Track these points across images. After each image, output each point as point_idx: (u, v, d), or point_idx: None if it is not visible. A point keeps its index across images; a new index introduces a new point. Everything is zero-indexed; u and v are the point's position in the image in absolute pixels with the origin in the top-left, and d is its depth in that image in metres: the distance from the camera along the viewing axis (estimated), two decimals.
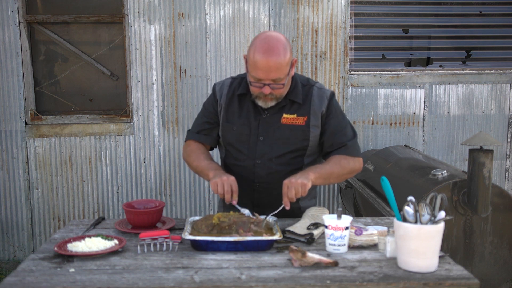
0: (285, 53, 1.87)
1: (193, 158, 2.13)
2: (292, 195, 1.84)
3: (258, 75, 1.88)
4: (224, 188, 1.87)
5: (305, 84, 2.08)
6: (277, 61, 1.85)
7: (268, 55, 1.84)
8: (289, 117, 2.02)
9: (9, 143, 4.03)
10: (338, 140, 2.05)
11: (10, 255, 4.16)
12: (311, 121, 2.03)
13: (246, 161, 2.06)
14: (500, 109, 4.32)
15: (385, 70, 4.24)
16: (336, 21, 4.10)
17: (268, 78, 1.88)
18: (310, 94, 2.05)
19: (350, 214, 3.75)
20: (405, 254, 1.52)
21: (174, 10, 3.98)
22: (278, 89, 1.92)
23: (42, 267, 1.56)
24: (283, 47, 1.87)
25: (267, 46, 1.85)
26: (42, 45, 4.15)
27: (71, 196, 4.12)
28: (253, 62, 1.87)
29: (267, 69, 1.85)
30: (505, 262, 2.77)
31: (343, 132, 2.06)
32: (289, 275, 1.49)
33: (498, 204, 2.71)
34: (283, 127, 2.03)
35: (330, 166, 2.01)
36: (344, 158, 2.03)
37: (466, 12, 4.29)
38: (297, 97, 2.03)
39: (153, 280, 1.45)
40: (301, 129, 2.02)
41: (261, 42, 1.88)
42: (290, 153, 2.04)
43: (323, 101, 2.05)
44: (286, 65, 1.88)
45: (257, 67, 1.86)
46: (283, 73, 1.89)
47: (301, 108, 2.03)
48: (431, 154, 4.27)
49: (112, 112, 4.18)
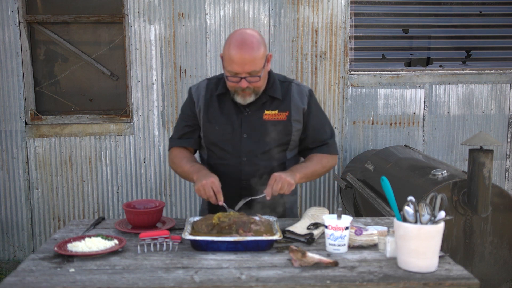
0: (259, 46, 1.93)
1: (177, 164, 2.15)
2: (277, 189, 1.91)
3: (234, 69, 1.93)
4: (207, 193, 1.91)
5: (283, 81, 2.14)
6: (252, 54, 1.90)
7: (242, 48, 1.89)
8: (271, 113, 2.07)
9: (9, 143, 4.03)
10: (319, 137, 2.14)
11: (10, 255, 4.16)
12: (292, 116, 2.08)
13: (232, 159, 2.09)
14: (500, 109, 4.33)
15: (385, 70, 4.24)
16: (336, 21, 4.10)
17: (244, 71, 1.92)
18: (290, 90, 2.11)
19: (350, 214, 3.75)
20: (405, 254, 1.52)
21: (174, 10, 3.98)
22: (255, 82, 1.96)
23: (42, 267, 1.56)
24: (256, 41, 1.93)
25: (241, 41, 1.91)
26: (42, 45, 4.15)
27: (71, 196, 4.12)
28: (228, 57, 1.92)
29: (242, 62, 1.90)
30: (505, 262, 2.77)
31: (324, 129, 2.16)
32: (289, 275, 1.49)
33: (498, 204, 2.71)
34: (266, 123, 2.06)
35: (313, 165, 2.10)
36: (325, 157, 2.14)
37: (466, 12, 4.29)
38: (276, 93, 2.07)
39: (153, 280, 1.45)
40: (284, 124, 2.07)
41: (235, 37, 1.93)
42: (274, 149, 2.09)
43: (303, 98, 2.11)
44: (260, 58, 1.93)
45: (233, 61, 1.91)
46: (258, 66, 1.93)
47: (282, 104, 2.08)
48: (431, 154, 4.27)
49: (112, 112, 4.18)
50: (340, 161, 4.24)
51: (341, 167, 4.23)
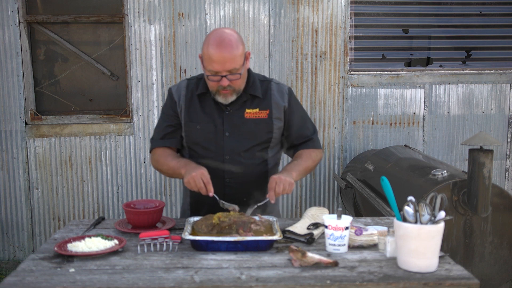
0: (237, 44, 1.95)
1: (161, 163, 2.13)
2: (279, 190, 1.92)
3: (214, 67, 1.94)
4: (197, 184, 1.91)
5: (263, 80, 2.17)
6: (231, 52, 1.92)
7: (221, 47, 1.91)
8: (252, 111, 2.09)
9: (9, 143, 4.03)
10: (303, 133, 2.18)
11: (10, 255, 4.16)
12: (273, 114, 2.11)
13: (215, 158, 2.10)
14: (500, 109, 4.32)
15: (385, 70, 4.24)
16: (336, 21, 4.10)
17: (224, 70, 1.94)
18: (269, 88, 2.14)
19: (350, 214, 3.75)
20: (405, 254, 1.52)
21: (174, 10, 3.99)
22: (236, 80, 1.98)
23: (42, 267, 1.56)
24: (235, 39, 1.95)
25: (219, 40, 1.93)
26: (42, 45, 4.15)
27: (71, 196, 4.12)
28: (208, 56, 1.94)
29: (222, 60, 1.92)
30: (505, 262, 2.77)
31: (306, 126, 2.20)
32: (289, 275, 1.49)
33: (498, 204, 2.71)
34: (247, 121, 2.08)
35: (305, 162, 2.12)
36: (313, 152, 2.18)
37: (466, 12, 4.29)
38: (256, 92, 2.10)
39: (153, 280, 1.45)
40: (265, 122, 2.10)
41: (213, 37, 1.95)
42: (256, 146, 2.11)
43: (284, 96, 2.14)
44: (240, 56, 1.95)
45: (212, 60, 1.92)
46: (238, 64, 1.95)
47: (262, 102, 2.11)
48: (431, 154, 4.27)
49: (112, 112, 4.18)
50: (340, 161, 4.24)
51: (341, 167, 4.23)
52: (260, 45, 4.06)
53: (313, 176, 4.23)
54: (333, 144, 4.21)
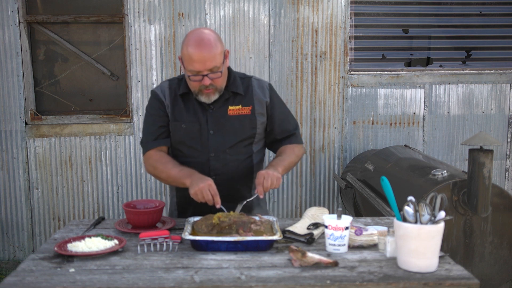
0: (216, 43, 1.97)
1: (160, 169, 2.09)
2: (267, 185, 1.94)
3: (195, 67, 1.95)
4: (205, 197, 1.90)
5: (243, 77, 2.19)
6: (211, 51, 1.94)
7: (201, 46, 1.93)
8: (234, 108, 2.11)
9: (9, 143, 4.03)
10: (286, 128, 2.21)
11: (10, 255, 4.16)
12: (256, 109, 2.13)
13: (200, 156, 2.11)
14: (500, 109, 4.32)
15: (385, 70, 4.24)
16: (336, 21, 4.10)
17: (205, 69, 1.95)
18: (250, 85, 2.16)
19: (350, 214, 3.75)
20: (405, 254, 1.52)
21: (174, 10, 3.99)
22: (217, 79, 2.00)
23: (42, 267, 1.56)
24: (213, 38, 1.97)
25: (198, 39, 1.95)
26: (42, 45, 4.15)
27: (71, 196, 4.12)
28: (188, 56, 1.95)
29: (202, 59, 1.93)
30: (505, 262, 2.77)
31: (288, 120, 2.23)
32: (289, 275, 1.49)
33: (498, 204, 2.71)
34: (231, 118, 2.10)
35: (289, 157, 2.15)
36: (296, 147, 2.21)
37: (466, 12, 4.29)
38: (238, 89, 2.12)
39: (153, 280, 1.45)
40: (248, 118, 2.12)
41: (192, 37, 1.97)
42: (241, 142, 2.13)
43: (265, 92, 2.16)
44: (219, 54, 1.97)
45: (193, 59, 1.94)
46: (219, 62, 1.97)
47: (244, 98, 2.13)
48: (431, 154, 4.27)
49: (112, 112, 4.18)
50: (340, 161, 4.24)
51: (341, 167, 4.24)
52: (260, 45, 4.06)
53: (313, 176, 4.24)
54: (333, 144, 4.21)
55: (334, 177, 4.15)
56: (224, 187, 2.08)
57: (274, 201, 4.23)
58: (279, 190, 4.22)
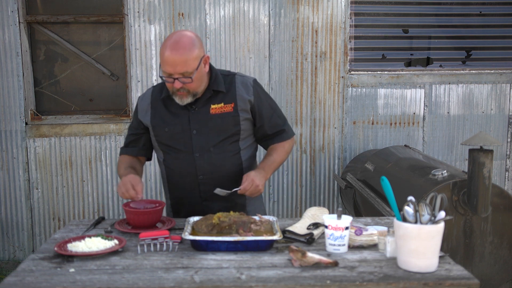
0: (192, 48, 1.95)
1: (119, 171, 2.22)
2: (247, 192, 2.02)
3: (167, 69, 1.96)
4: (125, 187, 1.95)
5: (227, 74, 2.19)
6: (183, 55, 1.93)
7: (174, 50, 1.93)
8: (216, 106, 2.11)
9: (9, 143, 4.03)
10: (275, 122, 2.22)
11: (10, 255, 4.16)
12: (238, 106, 2.12)
13: (186, 157, 2.13)
14: (500, 109, 4.32)
15: (385, 70, 4.24)
16: (336, 21, 4.10)
17: (176, 72, 1.96)
18: (234, 82, 2.15)
19: (350, 214, 3.75)
20: (405, 254, 1.52)
21: (174, 10, 3.98)
22: (188, 84, 1.99)
23: (42, 267, 1.56)
24: (190, 43, 1.96)
25: (174, 42, 1.95)
26: (42, 45, 4.15)
27: (71, 196, 4.12)
28: (162, 58, 1.96)
29: (173, 63, 1.93)
30: (505, 262, 2.77)
31: (277, 114, 2.23)
32: (289, 275, 1.49)
33: (498, 204, 2.71)
34: (213, 117, 2.10)
35: (279, 157, 2.21)
36: (286, 143, 2.24)
37: (466, 12, 4.29)
38: (219, 87, 2.11)
39: (153, 280, 1.46)
40: (231, 115, 2.11)
41: (170, 39, 1.97)
42: (225, 140, 2.13)
43: (249, 89, 2.15)
44: (193, 60, 1.95)
45: (165, 62, 1.95)
46: (191, 67, 1.96)
47: (226, 96, 2.12)
48: (431, 154, 4.27)
49: (112, 112, 4.18)
50: (340, 161, 4.24)
51: (341, 167, 4.24)
52: (260, 45, 4.06)
53: (313, 176, 4.24)
54: (333, 144, 4.21)
55: (334, 177, 4.15)
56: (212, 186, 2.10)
57: (274, 201, 4.23)
58: (279, 190, 4.22)
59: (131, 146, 2.27)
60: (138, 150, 2.26)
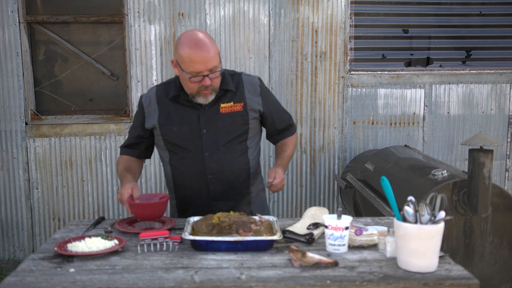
0: (213, 43, 1.99)
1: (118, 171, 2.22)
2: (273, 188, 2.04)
3: (196, 68, 1.95)
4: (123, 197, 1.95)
5: (233, 74, 2.19)
6: (210, 51, 1.95)
7: (199, 48, 1.94)
8: (226, 105, 2.11)
9: (9, 143, 4.03)
10: (284, 118, 2.28)
11: (10, 255, 4.16)
12: (247, 105, 2.13)
13: (195, 157, 2.12)
14: (500, 109, 4.32)
15: (385, 70, 4.24)
16: (336, 21, 4.10)
17: (206, 69, 1.96)
18: (241, 81, 2.17)
19: (350, 214, 3.75)
20: (405, 254, 1.52)
21: (174, 10, 3.99)
22: (216, 79, 2.01)
23: (42, 267, 1.56)
24: (209, 39, 1.99)
25: (196, 41, 1.95)
26: (42, 45, 4.15)
27: (71, 196, 4.12)
28: (188, 58, 1.94)
29: (204, 60, 1.94)
30: (505, 262, 2.77)
31: (282, 110, 2.30)
32: (289, 275, 1.49)
33: (498, 204, 2.71)
34: (223, 116, 2.10)
35: (292, 151, 2.27)
36: (294, 137, 2.33)
37: (466, 12, 4.29)
38: (229, 86, 2.12)
39: (153, 280, 1.45)
40: (240, 114, 2.12)
41: (188, 39, 1.97)
42: (234, 140, 2.13)
43: (256, 88, 2.17)
44: (217, 54, 1.99)
45: (194, 61, 1.94)
46: (217, 61, 1.99)
47: (236, 95, 2.13)
48: (431, 154, 4.27)
49: (112, 112, 4.18)
50: (340, 161, 4.24)
51: (341, 167, 4.24)
52: (260, 45, 4.06)
53: (313, 176, 4.24)
54: (333, 144, 4.21)
55: (334, 177, 4.15)
56: (220, 186, 2.10)
57: (274, 201, 4.23)
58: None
59: (132, 147, 2.25)
60: (139, 152, 2.26)
